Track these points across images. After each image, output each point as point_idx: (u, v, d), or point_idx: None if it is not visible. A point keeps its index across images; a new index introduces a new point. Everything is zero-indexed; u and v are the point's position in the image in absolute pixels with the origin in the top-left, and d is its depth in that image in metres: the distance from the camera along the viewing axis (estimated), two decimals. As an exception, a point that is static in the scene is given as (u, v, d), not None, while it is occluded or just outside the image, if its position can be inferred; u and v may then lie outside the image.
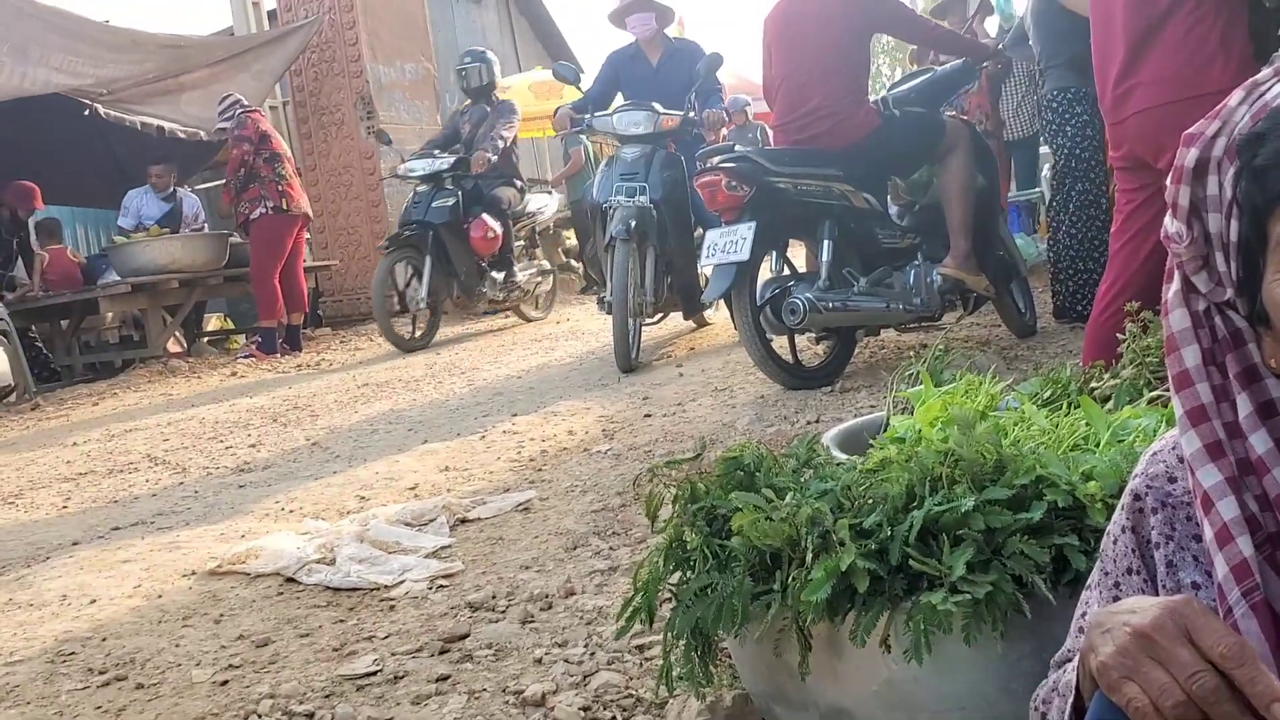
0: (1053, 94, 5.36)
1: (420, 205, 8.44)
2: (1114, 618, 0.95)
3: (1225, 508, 1.01)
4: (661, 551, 1.98)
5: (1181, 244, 1.04)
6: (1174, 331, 1.05)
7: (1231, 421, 1.03)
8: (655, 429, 4.56)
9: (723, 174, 4.92)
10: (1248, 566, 0.99)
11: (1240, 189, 0.99)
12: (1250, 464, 1.01)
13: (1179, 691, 0.87)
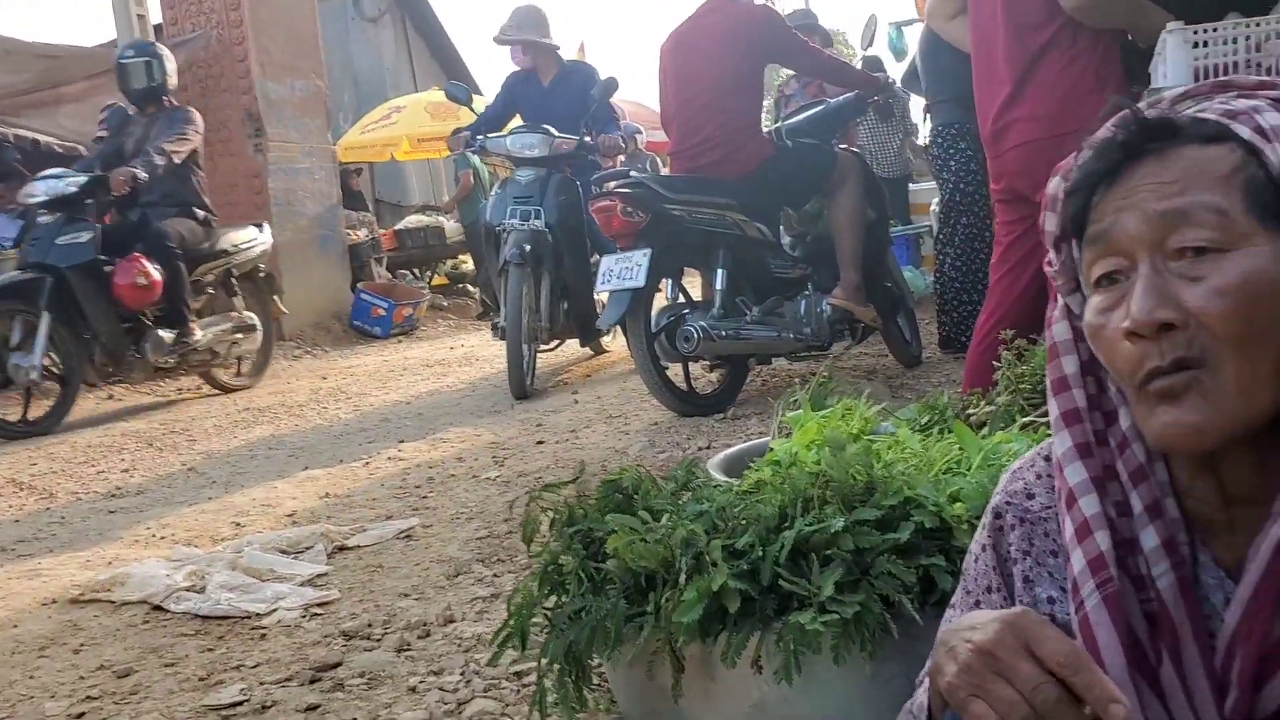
0: (938, 129, 5.50)
1: (40, 243, 6.34)
2: (957, 636, 0.95)
3: (1087, 504, 1.03)
4: (536, 575, 1.95)
5: (1053, 269, 1.08)
6: (1056, 341, 1.09)
7: (1100, 430, 1.06)
8: (547, 455, 4.52)
9: (619, 200, 4.93)
10: (1104, 560, 1.00)
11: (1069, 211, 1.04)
12: (1115, 471, 1.04)
13: (1024, 706, 0.87)
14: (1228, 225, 0.93)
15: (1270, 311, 0.92)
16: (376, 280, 11.22)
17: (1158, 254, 0.94)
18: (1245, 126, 0.96)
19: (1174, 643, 1.00)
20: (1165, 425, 0.93)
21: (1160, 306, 0.92)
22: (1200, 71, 2.12)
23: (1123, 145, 0.99)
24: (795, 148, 5.34)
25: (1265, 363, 0.92)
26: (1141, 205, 0.96)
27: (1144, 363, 0.93)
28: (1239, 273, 0.91)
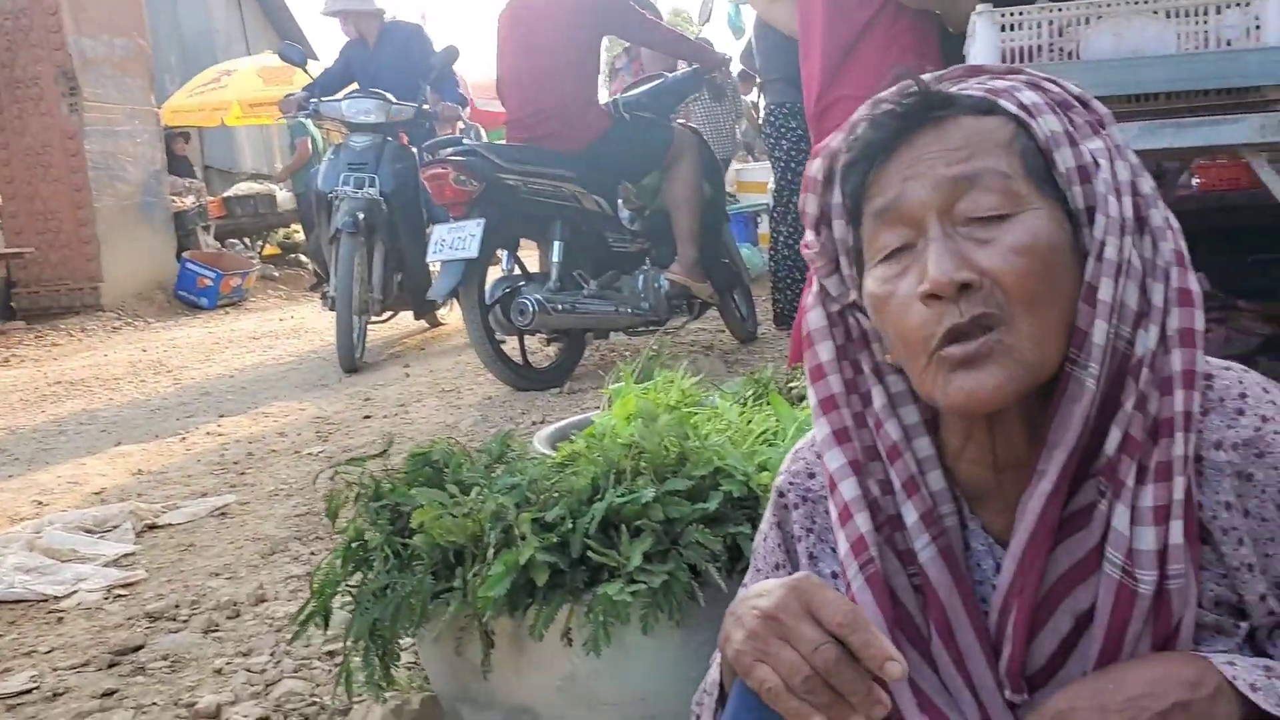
0: (771, 108, 5.56)
1: None
2: (744, 604, 0.95)
3: (846, 488, 1.04)
4: (340, 552, 1.88)
5: (813, 250, 1.08)
6: (811, 330, 1.09)
7: (858, 412, 1.07)
8: (374, 431, 4.41)
9: (451, 167, 4.82)
10: (864, 542, 1.02)
11: (844, 185, 1.04)
12: (877, 451, 1.05)
13: (806, 667, 0.88)
14: (1012, 190, 0.95)
15: (1053, 272, 0.95)
16: (204, 249, 10.74)
17: (947, 219, 0.95)
18: (1009, 103, 0.99)
19: (940, 614, 1.01)
20: (966, 388, 0.93)
21: (958, 268, 0.93)
22: (1007, 54, 2.18)
23: (902, 115, 1.00)
24: (633, 122, 5.32)
25: (1051, 321, 0.95)
26: (930, 172, 0.96)
27: (941, 324, 0.94)
28: (1028, 233, 0.94)
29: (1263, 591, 0.96)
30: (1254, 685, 0.89)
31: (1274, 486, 0.95)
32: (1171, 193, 4.08)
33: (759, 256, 7.48)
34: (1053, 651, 0.98)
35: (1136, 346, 0.96)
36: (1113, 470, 0.95)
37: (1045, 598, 0.98)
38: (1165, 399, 0.95)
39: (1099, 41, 2.14)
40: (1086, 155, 0.98)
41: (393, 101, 6.08)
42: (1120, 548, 0.94)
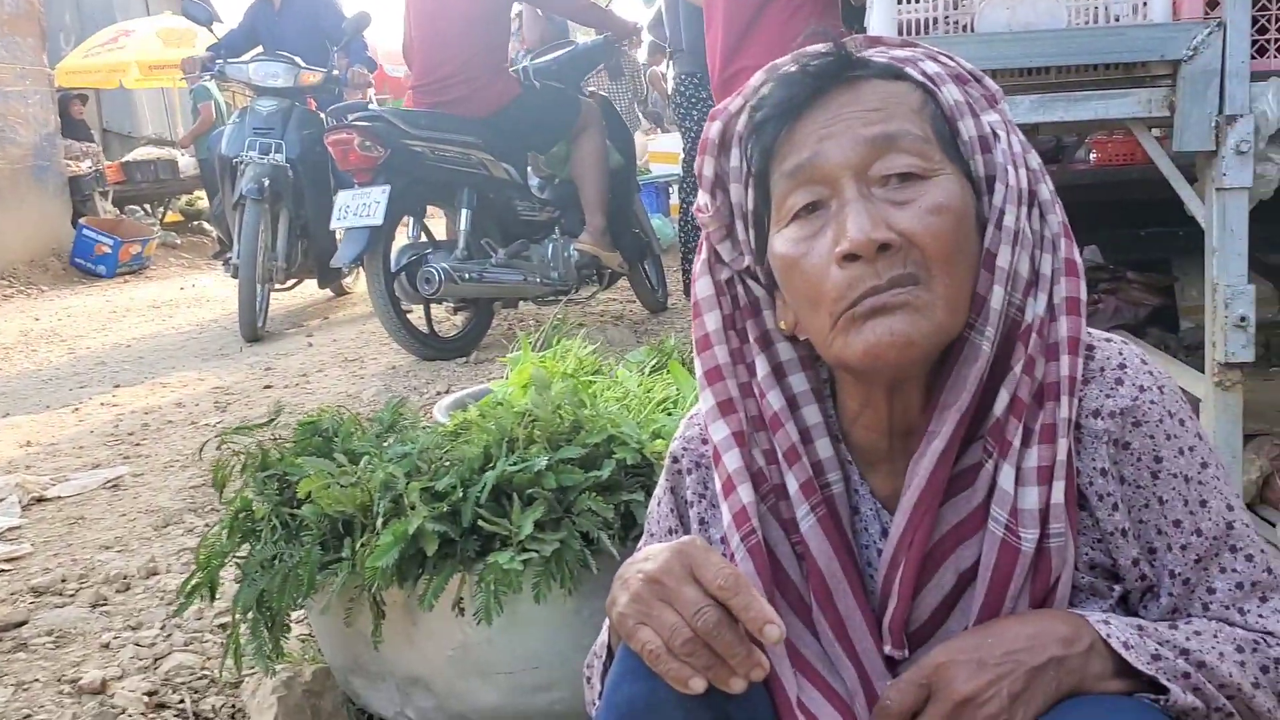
0: (681, 77, 5.55)
1: None
2: (631, 568, 0.96)
3: (730, 460, 1.04)
4: (226, 523, 1.84)
5: (707, 214, 1.07)
6: (699, 298, 1.09)
7: (745, 382, 1.07)
8: (274, 401, 4.31)
9: (356, 133, 4.72)
10: (745, 514, 1.03)
11: (751, 154, 1.03)
12: (764, 421, 1.05)
13: (687, 630, 0.89)
14: (928, 153, 0.97)
15: (964, 235, 0.96)
16: (102, 215, 10.41)
17: (863, 180, 0.96)
18: (915, 71, 1.01)
19: (820, 582, 1.03)
20: (879, 338, 0.94)
21: (877, 227, 0.93)
22: (904, 26, 2.20)
23: (815, 74, 0.99)
24: (542, 90, 5.27)
25: (962, 283, 0.96)
26: (848, 132, 0.96)
27: (857, 285, 0.94)
28: (943, 194, 0.95)
29: (1135, 556, 1.00)
30: (1126, 643, 0.93)
31: (1149, 454, 0.99)
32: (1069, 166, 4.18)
33: (670, 227, 7.48)
34: (935, 607, 1.01)
35: (1026, 313, 0.98)
36: (1000, 431, 0.98)
37: (930, 554, 1.00)
38: (1051, 364, 0.98)
39: (993, 15, 2.16)
40: (986, 126, 1.00)
41: (301, 65, 5.94)
42: (1005, 506, 0.97)
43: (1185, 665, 0.94)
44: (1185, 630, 0.97)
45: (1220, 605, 0.99)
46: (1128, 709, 0.92)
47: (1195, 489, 0.99)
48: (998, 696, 0.91)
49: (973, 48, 2.14)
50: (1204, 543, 0.99)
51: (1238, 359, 2.12)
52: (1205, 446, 1.02)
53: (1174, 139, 2.13)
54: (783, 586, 1.04)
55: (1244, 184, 2.10)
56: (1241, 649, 0.96)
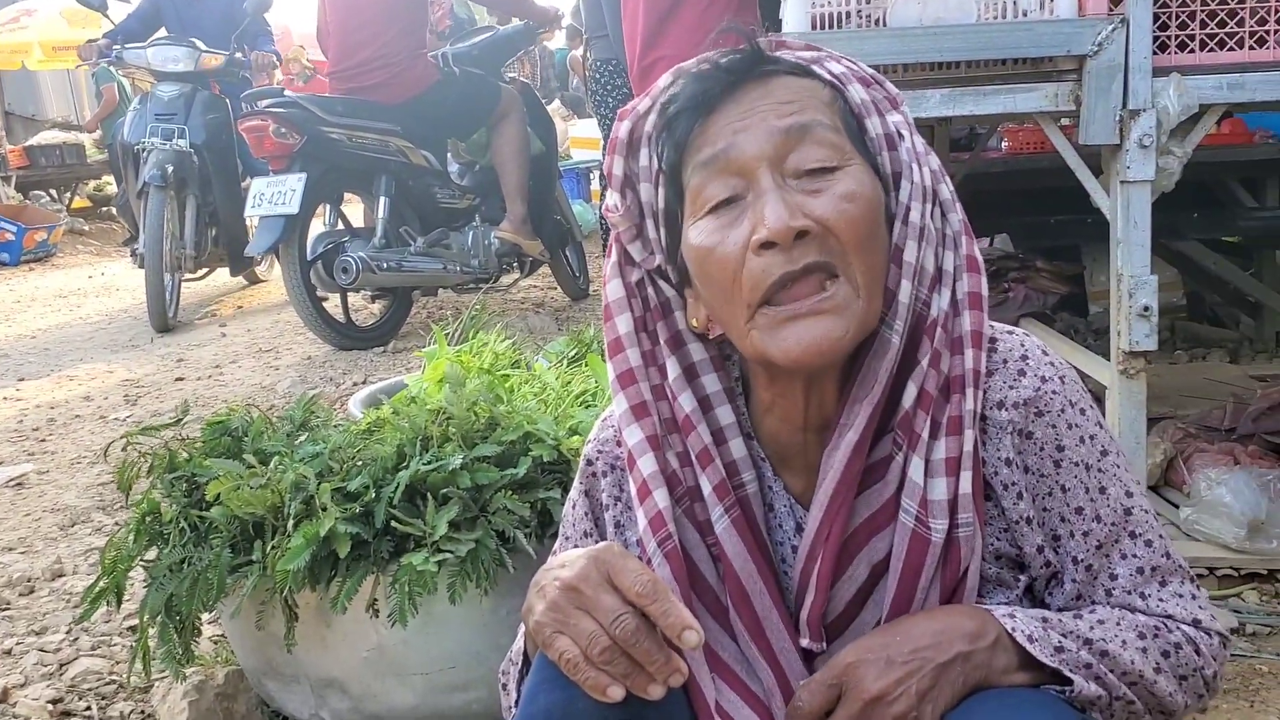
0: (597, 64, 5.51)
1: None
2: (547, 575, 0.95)
3: (644, 464, 1.04)
4: (133, 526, 1.80)
5: (617, 214, 1.06)
6: (610, 301, 1.08)
7: (658, 384, 1.07)
8: (186, 394, 4.23)
9: (271, 119, 4.63)
10: (662, 518, 1.02)
11: (662, 152, 1.02)
12: (677, 423, 1.05)
13: (605, 638, 0.88)
14: (839, 144, 0.98)
15: (876, 224, 0.98)
16: (4, 201, 10.08)
17: (778, 171, 0.96)
18: (822, 70, 1.02)
19: (736, 583, 1.03)
20: (801, 340, 0.94)
21: (794, 216, 0.93)
22: (817, 19, 2.20)
23: (728, 70, 1.00)
24: (462, 76, 5.21)
25: (877, 271, 0.97)
26: (762, 124, 0.97)
27: (772, 272, 0.94)
28: (856, 183, 0.96)
29: (1039, 543, 1.02)
30: (1031, 636, 0.95)
31: (1051, 444, 1.01)
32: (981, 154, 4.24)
33: (591, 213, 7.46)
34: (850, 600, 1.02)
35: (932, 308, 1.00)
36: (908, 424, 0.99)
37: (845, 547, 1.01)
38: (956, 358, 1.00)
39: (904, 10, 2.18)
40: (891, 125, 1.02)
41: (202, 49, 5.79)
42: (914, 497, 0.98)
43: (1088, 655, 0.96)
44: (1089, 619, 0.99)
45: (1122, 590, 1.02)
46: (1032, 701, 0.94)
47: (1096, 476, 1.02)
48: (906, 694, 0.92)
49: (885, 42, 2.16)
50: (1104, 529, 1.02)
51: (1141, 347, 2.17)
52: (1105, 435, 1.04)
53: (1080, 133, 2.18)
54: (699, 589, 1.04)
55: (1147, 177, 2.15)
56: (1143, 635, 0.99)
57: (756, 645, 1.03)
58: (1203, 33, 2.18)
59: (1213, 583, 2.30)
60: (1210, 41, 2.19)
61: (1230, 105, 2.26)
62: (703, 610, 1.04)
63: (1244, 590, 2.27)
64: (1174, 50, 2.19)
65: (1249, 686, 1.93)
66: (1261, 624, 2.15)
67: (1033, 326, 3.41)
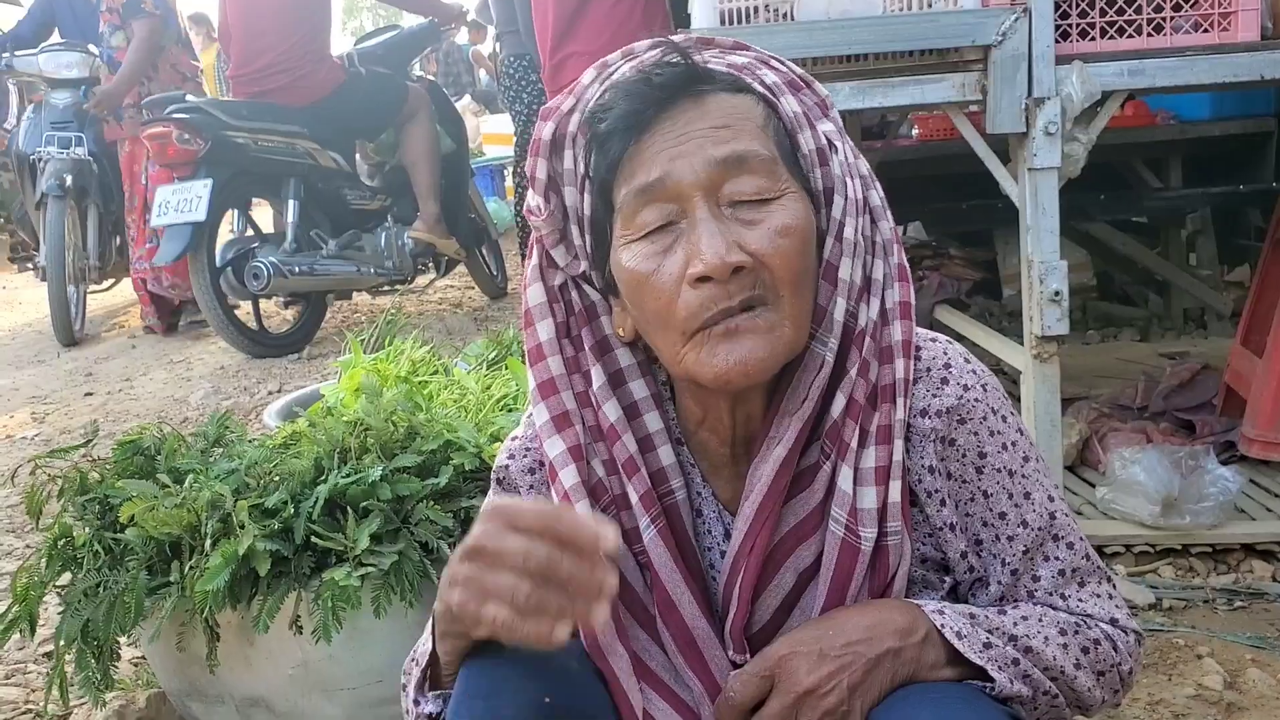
0: (509, 60, 5.47)
1: None
2: (450, 567, 0.91)
3: (566, 476, 1.02)
4: (45, 551, 1.74)
5: (540, 217, 1.04)
6: (530, 307, 1.06)
7: (582, 392, 1.05)
8: (96, 409, 4.12)
9: (174, 125, 4.54)
10: None
11: (589, 161, 1.00)
12: (602, 431, 1.04)
13: (524, 583, 0.85)
14: (775, 173, 0.96)
15: (810, 254, 0.97)
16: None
17: (713, 200, 0.95)
18: (755, 81, 1.00)
19: (663, 592, 1.02)
20: (730, 364, 0.94)
21: (730, 250, 0.92)
22: (725, 14, 2.21)
23: (660, 86, 0.97)
24: (368, 76, 5.14)
25: (807, 300, 0.97)
26: (698, 152, 0.95)
27: (711, 306, 0.93)
28: (790, 216, 0.95)
29: (963, 549, 1.04)
30: (959, 633, 0.96)
31: (973, 451, 1.02)
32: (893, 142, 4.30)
33: (506, 210, 7.40)
34: (776, 608, 1.02)
35: (860, 318, 1.00)
36: (837, 433, 0.99)
37: (771, 556, 1.01)
38: (885, 367, 1.00)
39: (812, 3, 2.20)
40: (822, 137, 1.01)
41: (96, 53, 5.62)
42: (844, 506, 0.99)
43: (1014, 652, 0.98)
44: (1013, 615, 1.01)
45: (1045, 592, 1.04)
46: (955, 696, 0.95)
47: (1019, 482, 1.03)
48: (838, 688, 0.93)
49: (793, 35, 2.17)
50: (1030, 534, 1.03)
51: (1053, 332, 2.22)
52: (1026, 441, 1.06)
53: (987, 122, 2.21)
54: (627, 598, 1.03)
55: (1053, 164, 2.19)
56: (1064, 632, 1.01)
57: (684, 655, 1.03)
58: (1103, 21, 2.23)
59: (1129, 559, 2.36)
60: (1110, 29, 2.24)
61: (1132, 91, 2.32)
62: (630, 619, 1.03)
63: (1159, 566, 2.33)
64: (1076, 38, 2.24)
65: (1166, 660, 1.98)
66: (1177, 598, 2.21)
67: (947, 313, 3.47)
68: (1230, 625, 2.11)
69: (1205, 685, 1.89)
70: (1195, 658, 1.98)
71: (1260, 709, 1.83)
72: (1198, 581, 2.29)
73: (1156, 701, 1.86)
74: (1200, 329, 4.31)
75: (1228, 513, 2.35)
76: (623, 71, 1.00)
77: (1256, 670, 1.93)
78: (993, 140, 2.26)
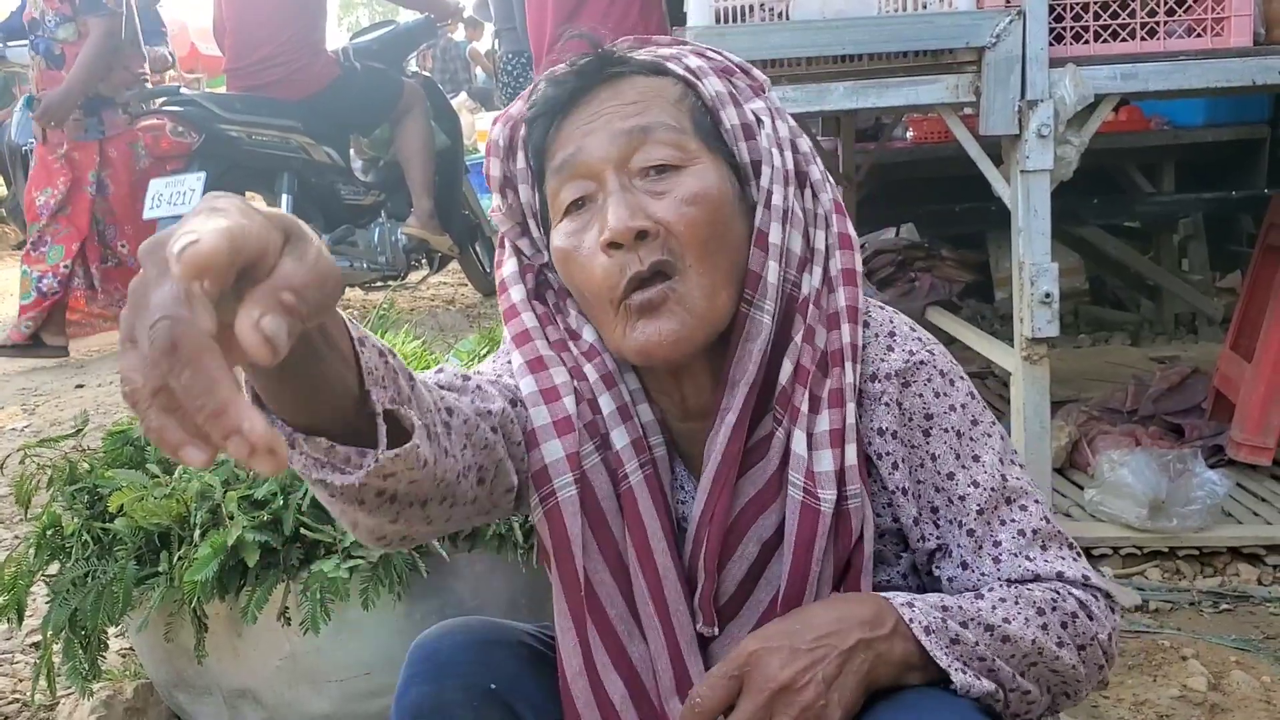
0: (508, 57, 5.49)
1: None
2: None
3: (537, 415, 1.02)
4: (33, 541, 1.74)
5: (500, 214, 1.10)
6: (504, 276, 1.10)
7: (558, 340, 1.07)
8: (87, 400, 4.10)
9: (168, 118, 4.56)
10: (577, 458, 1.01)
11: (527, 145, 1.06)
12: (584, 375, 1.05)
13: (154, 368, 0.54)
14: (683, 144, 1.00)
15: (722, 222, 1.00)
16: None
17: (624, 173, 0.99)
18: (677, 66, 1.05)
19: (642, 535, 1.02)
20: (648, 337, 0.97)
21: (634, 216, 0.96)
22: (720, 13, 2.21)
23: (579, 73, 1.03)
24: (363, 71, 5.13)
25: (722, 269, 0.99)
26: (606, 126, 1.00)
27: (624, 272, 0.97)
28: (697, 184, 0.99)
29: (916, 514, 1.04)
30: (929, 628, 0.94)
31: (920, 413, 1.04)
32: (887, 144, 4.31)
33: (501, 207, 7.40)
34: (742, 579, 1.03)
35: (803, 287, 1.03)
36: (787, 399, 1.01)
37: (733, 527, 1.02)
38: (833, 333, 1.03)
39: (807, 2, 2.20)
40: (749, 114, 1.05)
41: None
42: (800, 470, 0.99)
43: (987, 644, 0.95)
44: (990, 599, 0.99)
45: (1009, 554, 1.02)
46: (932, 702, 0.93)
47: (967, 444, 1.04)
48: (814, 682, 0.92)
49: (788, 35, 2.18)
50: (982, 494, 1.02)
51: (1044, 334, 2.22)
52: (977, 404, 1.06)
53: (980, 123, 2.22)
54: (601, 539, 1.03)
55: (1046, 166, 2.20)
56: (1042, 611, 0.99)
57: (654, 603, 1.02)
58: (1096, 24, 2.24)
59: (1117, 562, 2.37)
60: (1104, 33, 2.25)
61: (1125, 95, 2.32)
62: (601, 563, 1.03)
63: (1146, 568, 2.35)
64: (1070, 41, 2.25)
65: (1152, 661, 1.99)
66: (1164, 600, 2.22)
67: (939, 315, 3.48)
68: (1215, 627, 2.12)
69: (1190, 687, 1.90)
70: (1180, 659, 1.99)
71: (1243, 710, 1.84)
72: (1184, 584, 2.30)
73: (1141, 702, 1.87)
74: (1191, 334, 4.33)
75: (1214, 516, 2.36)
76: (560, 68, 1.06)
77: (1240, 672, 1.94)
78: (986, 142, 2.27)
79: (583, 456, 1.02)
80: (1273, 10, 2.26)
